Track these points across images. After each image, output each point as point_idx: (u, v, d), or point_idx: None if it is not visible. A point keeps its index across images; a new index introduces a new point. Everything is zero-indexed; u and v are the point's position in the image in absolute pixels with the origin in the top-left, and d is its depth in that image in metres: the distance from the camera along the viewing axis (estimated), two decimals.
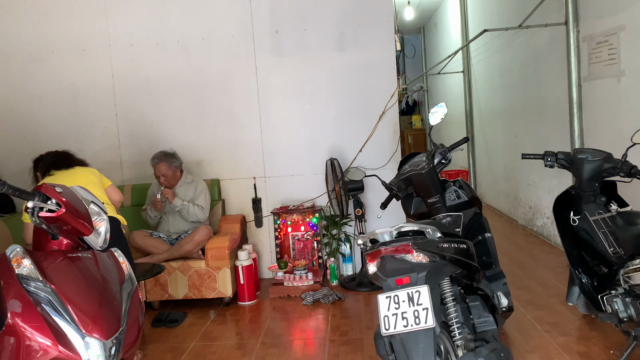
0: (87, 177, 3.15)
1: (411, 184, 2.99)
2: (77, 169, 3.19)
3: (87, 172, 3.20)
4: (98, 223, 1.92)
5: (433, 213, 3.00)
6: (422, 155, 3.06)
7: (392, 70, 4.52)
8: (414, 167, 2.99)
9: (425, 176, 2.90)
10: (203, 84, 4.64)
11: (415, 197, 3.10)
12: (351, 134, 4.59)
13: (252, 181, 4.67)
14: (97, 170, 3.31)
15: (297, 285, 4.18)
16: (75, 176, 3.13)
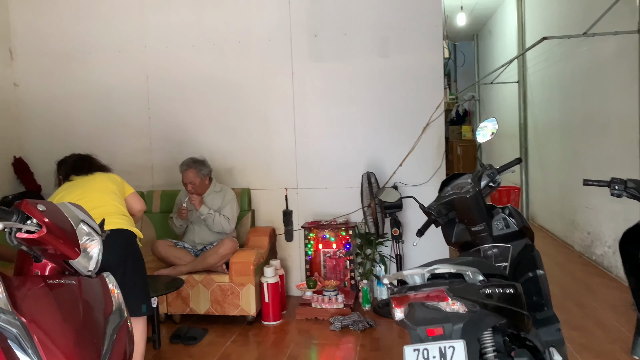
0: (105, 184, 2.97)
1: (453, 209, 2.64)
2: (96, 176, 3.02)
3: (106, 179, 3.02)
4: (89, 245, 1.70)
5: (477, 243, 2.64)
6: (468, 176, 2.70)
7: (439, 79, 4.17)
8: (457, 189, 2.64)
9: (469, 201, 2.55)
10: (238, 88, 4.44)
11: (458, 223, 2.75)
12: (391, 147, 4.27)
13: (283, 192, 4.42)
14: (118, 177, 3.13)
15: (326, 307, 3.89)
16: (94, 183, 2.96)
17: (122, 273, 2.71)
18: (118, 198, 2.96)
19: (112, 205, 2.87)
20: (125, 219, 2.89)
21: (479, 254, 2.66)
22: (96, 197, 2.85)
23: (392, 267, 4.22)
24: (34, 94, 4.79)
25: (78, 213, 1.70)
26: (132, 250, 2.83)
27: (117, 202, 2.93)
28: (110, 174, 3.11)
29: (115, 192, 2.96)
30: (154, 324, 3.34)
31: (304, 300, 4.04)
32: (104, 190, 2.92)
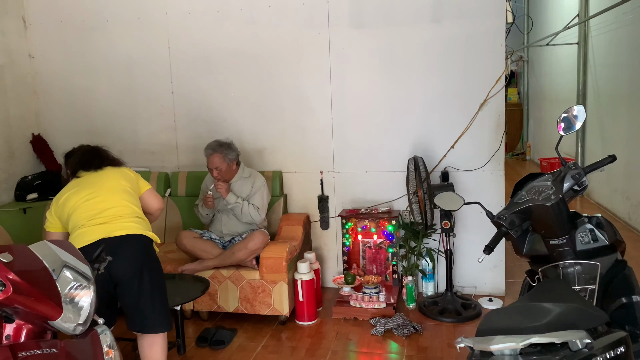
0: (117, 181, 2.61)
1: (528, 218, 2.17)
2: (107, 171, 2.66)
3: (118, 175, 2.65)
4: (77, 293, 1.33)
5: (556, 258, 2.17)
6: (547, 178, 2.21)
7: (500, 48, 3.59)
8: (533, 194, 2.16)
9: (550, 210, 2.07)
10: (268, 59, 3.97)
11: (532, 232, 2.28)
12: (442, 126, 3.76)
13: (318, 176, 3.99)
14: (132, 172, 2.76)
15: (366, 307, 3.51)
16: (104, 180, 2.61)
17: (138, 286, 2.39)
18: (132, 197, 2.63)
19: (125, 206, 2.53)
20: (141, 222, 2.55)
21: (557, 271, 2.21)
22: (107, 196, 2.54)
23: (441, 263, 3.78)
24: (51, 66, 4.43)
25: (61, 254, 1.32)
26: (149, 258, 2.50)
27: (131, 202, 2.58)
28: (122, 168, 2.76)
29: (128, 191, 2.62)
30: (178, 327, 3.03)
31: (342, 297, 3.67)
32: (115, 188, 2.58)
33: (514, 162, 9.85)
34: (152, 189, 2.80)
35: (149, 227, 2.61)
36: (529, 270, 2.41)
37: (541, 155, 8.74)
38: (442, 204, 2.36)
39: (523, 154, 10.19)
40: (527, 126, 10.45)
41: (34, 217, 4.09)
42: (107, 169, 2.66)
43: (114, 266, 2.32)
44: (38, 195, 4.27)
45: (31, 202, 4.20)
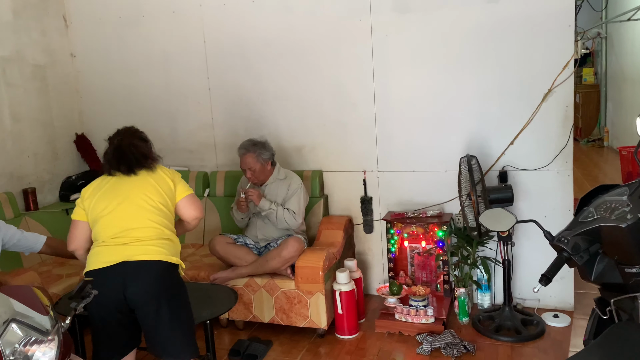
0: (149, 195, 2.32)
1: (597, 241, 1.77)
2: (140, 179, 2.36)
3: (151, 186, 2.35)
4: (29, 349, 1.13)
5: (633, 288, 1.76)
6: (622, 191, 1.79)
7: (567, 29, 3.10)
8: (604, 212, 1.75)
9: (626, 233, 1.67)
10: (306, 50, 3.68)
11: (602, 255, 1.87)
12: (500, 119, 3.33)
13: (361, 175, 3.68)
14: (169, 176, 2.43)
15: (413, 322, 3.19)
16: (134, 192, 2.33)
17: (155, 315, 2.20)
18: (161, 215, 2.34)
19: (151, 227, 2.30)
20: (166, 245, 2.31)
21: (635, 304, 1.80)
22: (133, 214, 2.30)
23: (498, 273, 3.38)
24: (92, 65, 4.38)
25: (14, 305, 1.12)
26: (168, 286, 2.26)
27: (159, 222, 2.33)
28: (160, 172, 2.43)
29: (158, 208, 2.34)
30: (208, 341, 2.85)
31: (386, 308, 3.36)
32: (144, 205, 2.32)
33: (589, 150, 9.01)
34: (191, 196, 2.47)
35: (175, 250, 2.36)
36: (599, 299, 2.01)
37: (621, 142, 7.89)
38: (488, 224, 1.99)
39: (600, 140, 9.30)
40: (605, 110, 9.52)
41: None
42: (141, 174, 2.37)
43: (128, 292, 2.17)
44: None
45: (74, 203, 4.17)
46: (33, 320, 1.17)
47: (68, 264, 3.72)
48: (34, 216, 3.88)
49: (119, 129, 2.54)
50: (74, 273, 3.52)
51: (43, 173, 4.18)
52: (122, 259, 2.20)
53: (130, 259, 2.20)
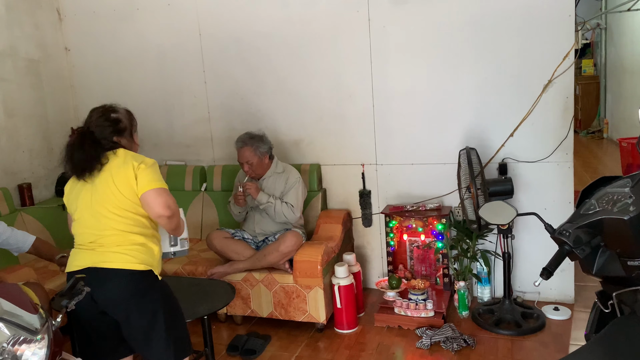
0: (109, 198, 2.03)
1: (599, 234, 1.74)
2: (93, 187, 2.06)
3: (107, 190, 2.04)
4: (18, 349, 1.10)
5: (635, 281, 1.74)
6: (624, 182, 1.76)
7: (568, 20, 3.06)
8: (606, 204, 1.72)
9: (628, 225, 1.64)
10: (303, 42, 3.63)
11: (603, 248, 1.84)
12: (499, 111, 3.29)
13: (360, 169, 3.65)
14: (132, 168, 2.03)
15: (412, 316, 3.17)
16: (94, 195, 2.06)
17: (128, 328, 2.08)
18: (127, 217, 2.05)
19: (114, 235, 2.04)
20: (133, 251, 2.03)
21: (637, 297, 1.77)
22: (95, 222, 2.05)
23: (498, 266, 3.36)
24: (87, 59, 4.33)
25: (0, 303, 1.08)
26: (134, 293, 2.03)
27: (123, 227, 2.05)
28: (122, 166, 2.04)
29: (119, 213, 2.03)
30: (206, 336, 2.83)
31: (385, 302, 3.34)
32: (104, 211, 2.04)
33: (589, 141, 8.98)
34: (153, 192, 2.01)
35: (148, 255, 2.07)
36: (601, 292, 1.98)
37: (620, 134, 7.86)
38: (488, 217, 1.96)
39: (599, 131, 9.27)
40: (605, 101, 9.48)
41: None
42: (97, 178, 2.05)
43: (96, 297, 2.02)
44: None
45: None
46: (21, 319, 1.14)
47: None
48: (30, 212, 3.85)
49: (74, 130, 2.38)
50: None
51: (38, 168, 4.14)
52: (89, 263, 2.05)
53: (96, 265, 2.03)
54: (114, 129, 2.13)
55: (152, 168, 2.06)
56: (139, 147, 2.25)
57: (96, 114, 2.15)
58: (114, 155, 2.09)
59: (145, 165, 2.04)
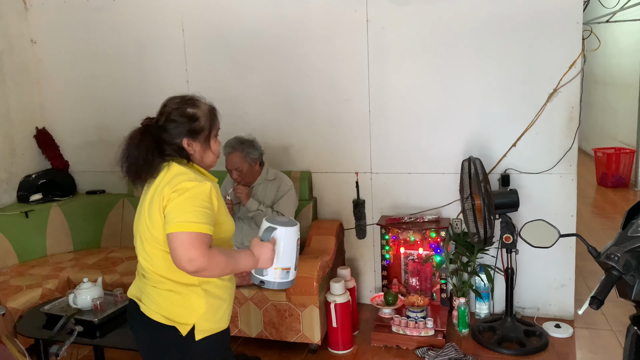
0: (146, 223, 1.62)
1: None
2: (145, 200, 1.65)
3: (145, 207, 1.63)
4: None
5: None
6: None
7: (575, 27, 2.96)
8: None
9: None
10: (296, 41, 3.42)
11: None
12: (502, 120, 3.17)
13: (353, 177, 3.46)
14: (168, 190, 1.55)
15: (412, 335, 2.99)
16: (140, 216, 1.67)
17: None
18: (157, 250, 1.60)
19: (146, 262, 1.64)
20: (160, 296, 1.61)
21: None
22: (138, 242, 1.68)
23: (499, 283, 3.22)
24: (55, 53, 3.99)
25: None
26: (157, 354, 1.67)
27: (154, 259, 1.62)
28: (169, 176, 1.59)
29: (150, 241, 1.61)
30: None
31: (381, 320, 3.16)
32: (142, 231, 1.64)
33: None
34: (181, 236, 1.46)
35: (178, 308, 1.60)
36: (636, 317, 1.85)
37: (592, 144, 7.99)
38: (531, 239, 1.80)
39: None
40: None
41: (37, 221, 3.70)
42: (152, 187, 1.62)
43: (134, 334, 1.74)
44: (42, 195, 3.87)
45: (34, 204, 3.79)
46: None
47: (27, 273, 3.35)
48: None
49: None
50: (35, 284, 3.15)
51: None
52: (132, 294, 1.74)
53: (135, 298, 1.71)
54: (188, 129, 1.63)
55: (187, 198, 1.50)
56: (216, 157, 1.73)
57: (172, 104, 1.67)
58: (167, 169, 1.61)
59: (178, 194, 1.51)
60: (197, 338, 1.60)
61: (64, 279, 3.31)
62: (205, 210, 1.51)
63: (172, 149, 1.64)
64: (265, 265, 1.63)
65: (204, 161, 1.71)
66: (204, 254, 1.46)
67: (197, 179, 1.56)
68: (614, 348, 2.91)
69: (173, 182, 1.55)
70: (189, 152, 1.65)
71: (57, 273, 3.33)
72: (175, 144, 1.63)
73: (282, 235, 1.65)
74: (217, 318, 1.64)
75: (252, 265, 1.61)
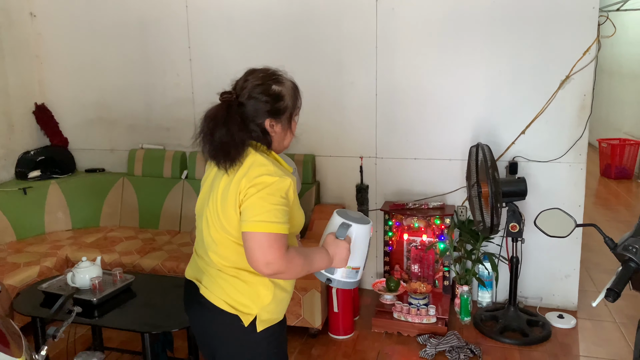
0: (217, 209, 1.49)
1: None
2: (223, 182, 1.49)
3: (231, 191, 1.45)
4: None
5: None
6: None
7: (591, 12, 2.88)
8: None
9: None
10: (302, 22, 3.34)
11: None
12: (511, 106, 3.10)
13: (357, 161, 3.40)
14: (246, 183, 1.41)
15: (413, 322, 2.96)
16: (214, 196, 1.51)
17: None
18: (228, 240, 1.49)
19: (214, 254, 1.52)
20: (226, 283, 1.51)
21: None
22: (204, 226, 1.56)
23: (502, 271, 3.18)
24: (55, 27, 3.89)
25: None
26: (223, 341, 1.55)
27: (218, 241, 1.50)
28: (246, 166, 1.44)
29: (225, 227, 1.47)
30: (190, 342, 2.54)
31: (382, 306, 3.12)
32: (210, 217, 1.51)
33: None
34: (258, 236, 1.36)
35: (244, 297, 1.49)
36: None
37: (596, 135, 7.91)
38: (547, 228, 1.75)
39: None
40: None
41: (36, 198, 3.64)
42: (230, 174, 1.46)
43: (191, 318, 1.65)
44: (41, 172, 3.81)
45: (32, 181, 3.73)
46: None
47: (25, 250, 3.30)
48: None
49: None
50: (34, 261, 3.11)
51: None
52: (192, 276, 1.63)
53: (195, 281, 1.60)
54: (272, 109, 1.48)
55: (266, 194, 1.38)
56: (294, 138, 1.59)
57: (253, 79, 1.49)
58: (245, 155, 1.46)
59: (257, 189, 1.38)
60: (258, 329, 1.50)
61: (62, 257, 3.27)
62: (283, 207, 1.40)
63: (256, 130, 1.48)
64: (340, 265, 1.52)
65: (283, 143, 1.56)
66: (282, 256, 1.36)
67: (277, 173, 1.41)
68: (617, 340, 2.88)
69: (250, 173, 1.40)
70: (270, 135, 1.50)
71: (55, 251, 3.29)
72: (258, 124, 1.48)
73: (357, 233, 1.53)
74: (278, 309, 1.56)
75: (326, 265, 1.51)
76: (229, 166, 1.43)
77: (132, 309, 2.42)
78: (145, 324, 2.27)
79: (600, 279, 3.56)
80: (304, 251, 1.48)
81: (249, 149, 1.45)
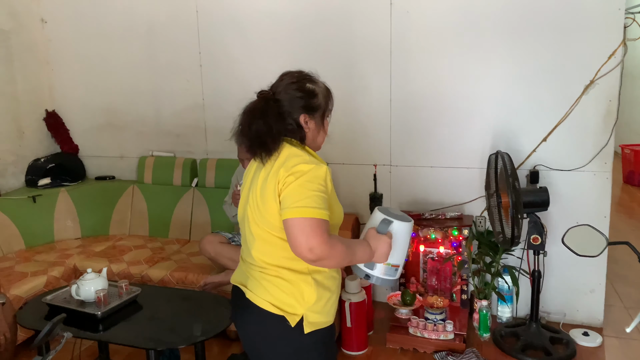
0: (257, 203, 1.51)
1: None
2: (261, 174, 1.53)
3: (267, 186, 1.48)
4: None
5: None
6: None
7: (617, 13, 2.74)
8: None
9: None
10: (313, 25, 3.25)
11: None
12: (532, 112, 2.97)
13: (371, 169, 3.29)
14: (284, 172, 1.44)
15: (430, 338, 2.83)
16: (255, 192, 1.53)
17: None
18: (269, 235, 1.51)
19: (257, 252, 1.54)
20: (270, 283, 1.51)
21: None
22: (245, 227, 1.59)
23: (523, 285, 3.03)
24: (65, 33, 3.87)
25: None
26: (269, 343, 1.54)
27: (263, 240, 1.52)
28: (282, 157, 1.48)
29: (266, 218, 1.49)
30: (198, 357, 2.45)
31: (397, 320, 3.00)
32: (251, 211, 1.54)
33: None
34: (300, 221, 1.36)
35: (288, 297, 1.49)
36: None
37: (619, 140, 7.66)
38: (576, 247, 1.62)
39: None
40: None
41: (45, 206, 3.60)
42: (267, 166, 1.51)
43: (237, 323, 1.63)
44: (51, 180, 3.77)
45: (42, 189, 3.69)
46: None
47: (33, 259, 3.25)
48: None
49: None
50: (41, 271, 3.06)
51: (6, 154, 3.67)
52: (237, 280, 1.63)
53: (240, 285, 1.60)
54: (306, 104, 1.54)
55: (304, 182, 1.40)
56: (326, 136, 1.66)
57: (288, 78, 1.58)
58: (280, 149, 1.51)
59: (295, 177, 1.40)
60: (305, 331, 1.49)
61: (70, 266, 3.21)
62: (322, 194, 1.42)
63: (292, 124, 1.54)
64: (380, 260, 1.52)
65: (317, 141, 1.62)
66: (325, 241, 1.36)
67: (312, 161, 1.47)
68: None
69: (288, 163, 1.44)
70: (305, 130, 1.56)
71: (64, 260, 3.23)
72: (294, 119, 1.54)
73: (398, 230, 1.53)
74: (325, 310, 1.54)
75: (367, 258, 1.51)
76: (265, 156, 1.48)
77: (137, 323, 2.34)
78: (150, 340, 2.19)
79: (626, 293, 3.39)
80: (346, 240, 1.49)
81: (284, 144, 1.51)
